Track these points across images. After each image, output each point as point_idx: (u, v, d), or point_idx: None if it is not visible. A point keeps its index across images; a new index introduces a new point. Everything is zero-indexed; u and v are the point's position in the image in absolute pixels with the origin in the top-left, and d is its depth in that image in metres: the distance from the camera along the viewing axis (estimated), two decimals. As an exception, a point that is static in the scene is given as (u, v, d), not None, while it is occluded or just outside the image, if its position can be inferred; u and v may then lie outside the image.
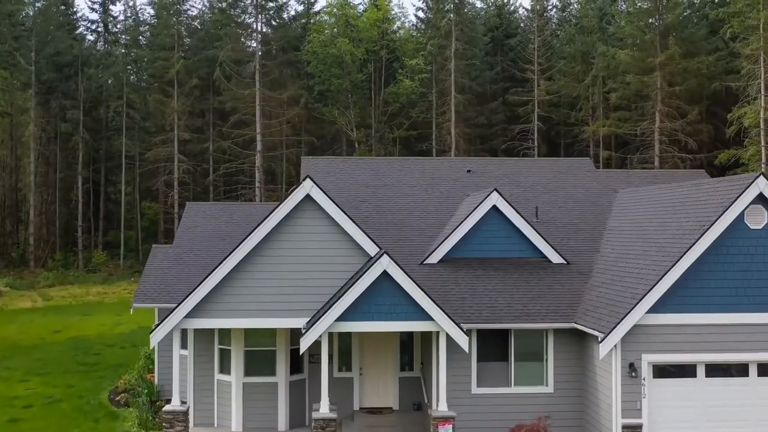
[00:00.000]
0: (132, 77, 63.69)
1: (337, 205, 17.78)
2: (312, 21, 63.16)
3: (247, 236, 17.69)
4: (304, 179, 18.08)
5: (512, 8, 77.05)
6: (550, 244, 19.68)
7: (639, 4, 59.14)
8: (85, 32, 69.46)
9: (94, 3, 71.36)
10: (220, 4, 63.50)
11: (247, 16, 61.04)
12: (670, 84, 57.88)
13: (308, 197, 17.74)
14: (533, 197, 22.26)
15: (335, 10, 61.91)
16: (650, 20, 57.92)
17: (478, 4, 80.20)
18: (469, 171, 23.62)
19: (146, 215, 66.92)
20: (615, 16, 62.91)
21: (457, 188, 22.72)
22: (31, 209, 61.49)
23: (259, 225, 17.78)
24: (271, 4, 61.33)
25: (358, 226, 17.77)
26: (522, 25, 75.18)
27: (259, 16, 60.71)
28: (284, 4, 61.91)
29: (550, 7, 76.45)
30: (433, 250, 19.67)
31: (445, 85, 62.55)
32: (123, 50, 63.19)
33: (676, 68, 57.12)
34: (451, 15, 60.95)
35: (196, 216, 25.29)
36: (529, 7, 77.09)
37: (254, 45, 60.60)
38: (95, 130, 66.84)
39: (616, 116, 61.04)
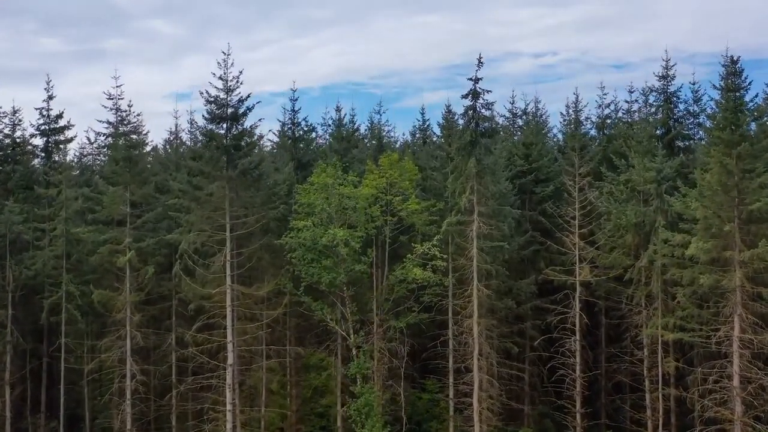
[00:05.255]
0: (73, 256, 51.01)
1: None
2: (296, 194, 50.46)
3: None
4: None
5: (543, 139, 64.26)
6: None
7: (709, 179, 46.34)
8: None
9: (36, 147, 59.12)
10: (179, 175, 50.51)
11: (216, 190, 47.94)
12: (754, 282, 45.37)
13: None
14: None
15: (327, 180, 49.14)
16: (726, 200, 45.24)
17: (500, 124, 67.87)
18: None
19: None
20: (678, 180, 50.23)
21: None
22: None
23: None
24: (246, 178, 48.43)
25: None
26: (554, 157, 62.41)
27: (232, 196, 47.81)
28: (260, 175, 49.01)
29: (586, 138, 63.80)
30: None
31: (466, 272, 49.87)
32: (63, 226, 50.46)
33: (761, 265, 44.56)
34: (473, 184, 48.18)
35: None
36: (560, 137, 64.48)
37: (225, 227, 47.74)
38: (30, 314, 54.28)
39: (682, 314, 48.24)
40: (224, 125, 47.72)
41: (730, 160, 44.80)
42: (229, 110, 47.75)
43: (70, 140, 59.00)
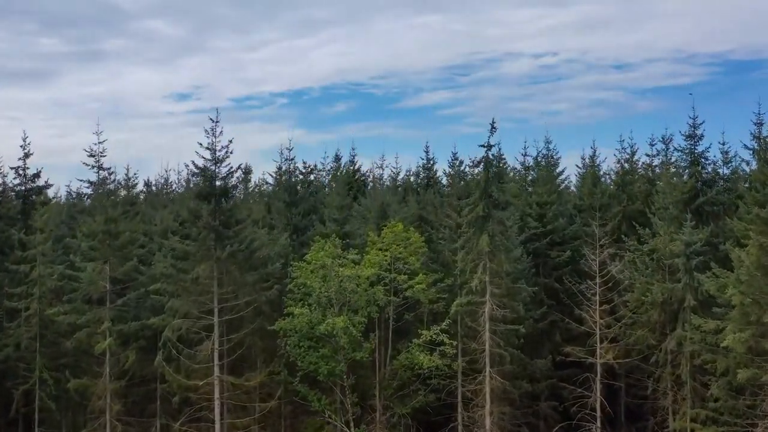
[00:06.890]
0: (47, 337, 46.79)
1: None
2: (292, 271, 46.19)
3: None
4: None
5: (558, 192, 59.49)
6: None
7: (746, 261, 41.80)
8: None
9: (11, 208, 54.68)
10: (164, 259, 45.96)
11: (203, 272, 43.55)
12: (796, 376, 41.08)
13: None
14: None
15: (326, 260, 44.81)
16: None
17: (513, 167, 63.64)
18: None
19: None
20: (708, 253, 45.90)
21: None
22: None
23: None
24: (236, 258, 44.06)
25: None
26: (570, 216, 57.84)
27: (221, 277, 43.51)
28: (252, 252, 44.65)
29: (605, 197, 59.36)
30: None
31: (477, 356, 45.60)
32: (36, 305, 46.23)
33: (804, 357, 40.33)
34: (486, 262, 43.95)
35: None
36: (575, 189, 59.91)
37: (213, 311, 43.46)
38: (2, 398, 50.02)
39: (715, 406, 43.98)
40: (213, 200, 43.47)
41: (770, 241, 40.55)
42: (218, 182, 43.60)
43: (48, 202, 54.64)
